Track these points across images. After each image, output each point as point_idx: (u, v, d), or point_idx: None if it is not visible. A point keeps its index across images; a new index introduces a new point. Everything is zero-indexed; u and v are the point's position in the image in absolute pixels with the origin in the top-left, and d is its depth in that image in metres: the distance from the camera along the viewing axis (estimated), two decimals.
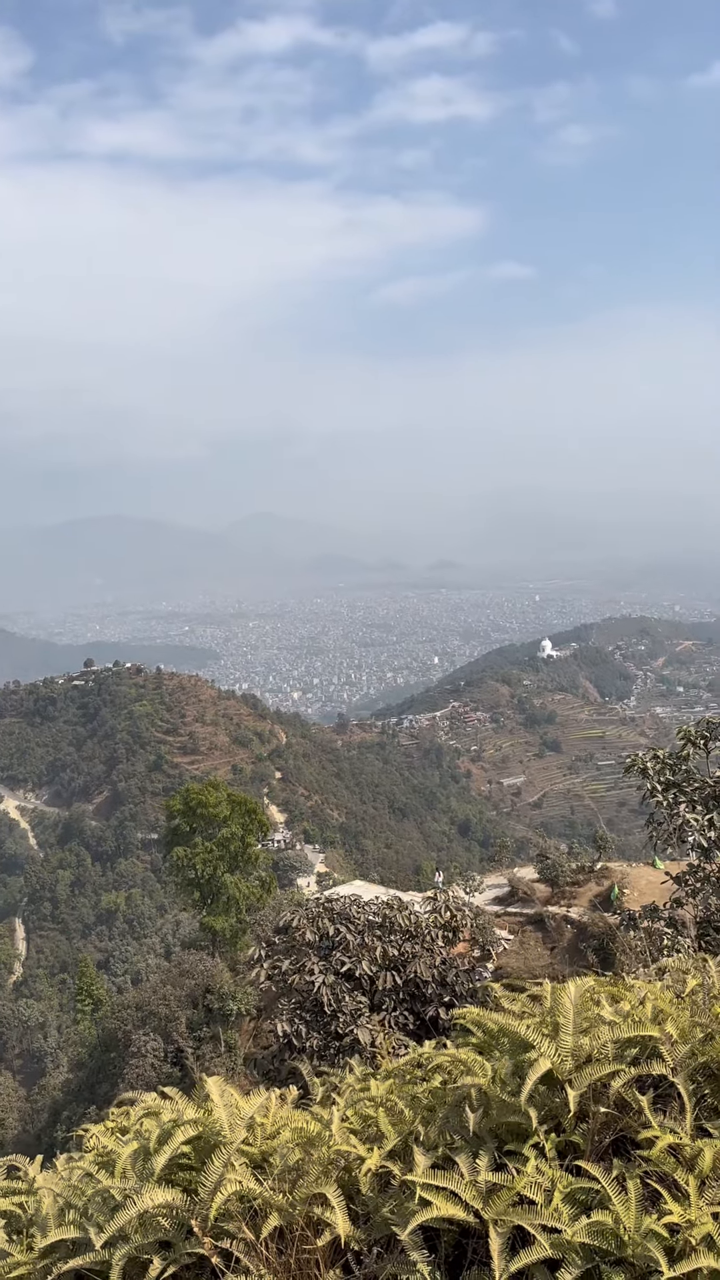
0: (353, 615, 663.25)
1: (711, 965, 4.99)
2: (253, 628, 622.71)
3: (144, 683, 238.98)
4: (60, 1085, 64.63)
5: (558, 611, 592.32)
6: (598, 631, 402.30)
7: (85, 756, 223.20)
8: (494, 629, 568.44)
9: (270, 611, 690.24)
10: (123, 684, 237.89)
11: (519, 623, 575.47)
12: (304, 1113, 4.89)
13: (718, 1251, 3.60)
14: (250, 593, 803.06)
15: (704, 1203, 3.74)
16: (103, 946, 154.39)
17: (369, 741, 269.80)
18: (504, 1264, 3.71)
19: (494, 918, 48.68)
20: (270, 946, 19.60)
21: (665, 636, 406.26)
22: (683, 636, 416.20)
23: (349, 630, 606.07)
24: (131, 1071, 43.45)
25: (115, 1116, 6.00)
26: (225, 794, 59.30)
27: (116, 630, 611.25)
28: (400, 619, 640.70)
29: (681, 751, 16.71)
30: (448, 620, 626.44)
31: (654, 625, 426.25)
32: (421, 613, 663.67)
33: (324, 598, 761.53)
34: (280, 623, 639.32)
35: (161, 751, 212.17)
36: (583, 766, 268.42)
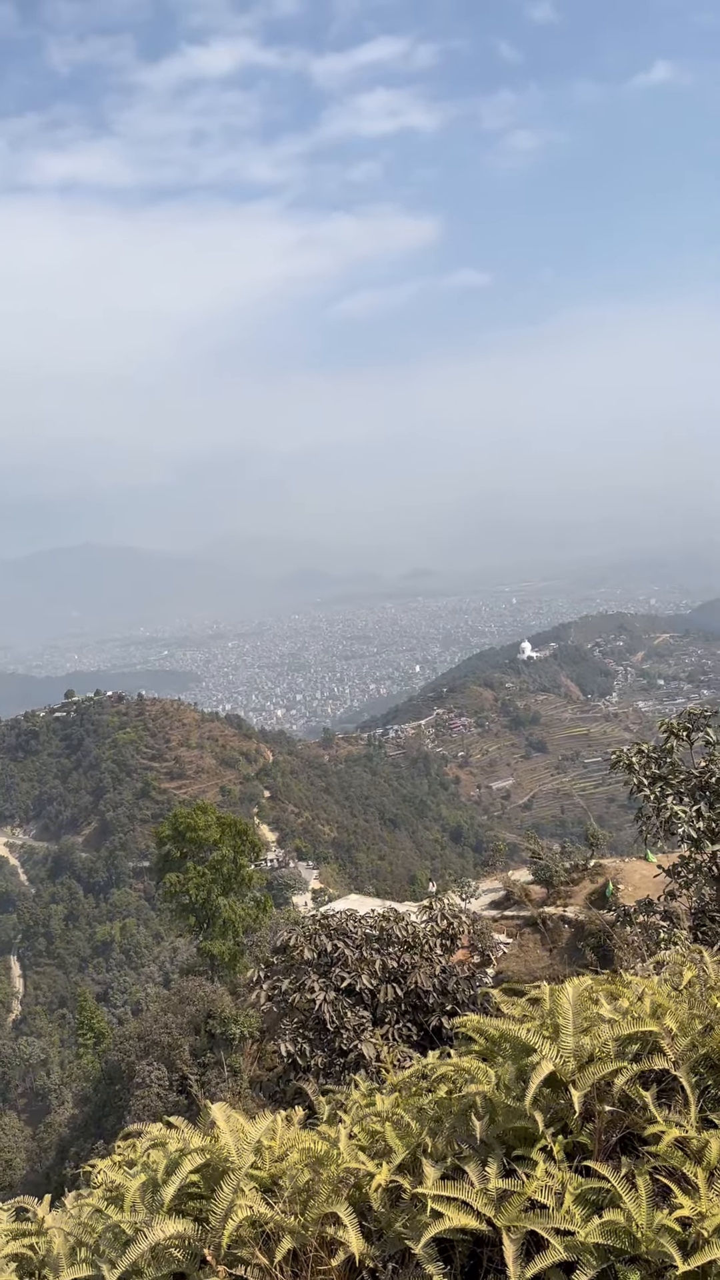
0: (331, 629, 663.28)
1: (707, 956, 5.02)
2: (232, 648, 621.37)
3: (126, 710, 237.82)
4: (66, 1121, 63.97)
5: (535, 613, 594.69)
6: (576, 630, 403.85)
7: (71, 788, 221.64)
8: (473, 634, 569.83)
9: (249, 630, 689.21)
10: (105, 713, 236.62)
11: (497, 626, 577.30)
12: (311, 1132, 4.88)
13: None
14: (227, 613, 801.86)
15: (714, 1194, 3.76)
16: (101, 979, 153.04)
17: (356, 754, 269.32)
18: (519, 1270, 3.71)
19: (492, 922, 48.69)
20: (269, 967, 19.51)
21: (642, 631, 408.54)
22: (659, 630, 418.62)
23: (329, 644, 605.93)
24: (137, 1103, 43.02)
25: (122, 1149, 5.95)
26: (214, 816, 58.96)
27: (95, 659, 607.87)
28: (379, 630, 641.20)
29: (665, 744, 16.79)
30: (426, 628, 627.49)
31: (631, 620, 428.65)
32: (400, 622, 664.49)
33: (302, 613, 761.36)
34: (259, 641, 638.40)
35: (148, 778, 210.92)
36: (570, 765, 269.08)
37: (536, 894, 51.93)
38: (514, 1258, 3.72)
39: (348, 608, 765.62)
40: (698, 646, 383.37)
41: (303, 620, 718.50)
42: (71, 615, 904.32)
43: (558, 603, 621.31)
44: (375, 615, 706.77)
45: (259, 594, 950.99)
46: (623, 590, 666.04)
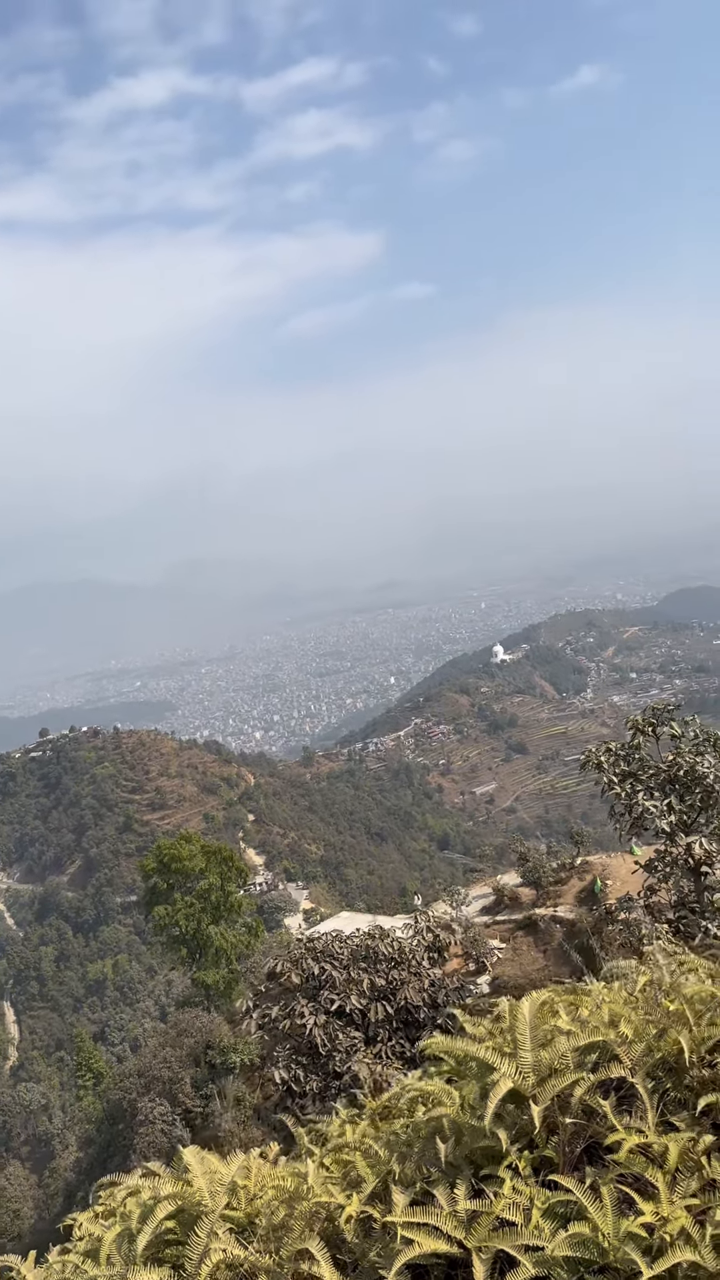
0: (304, 647, 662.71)
1: (660, 957, 5.08)
2: (205, 673, 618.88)
3: (103, 744, 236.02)
4: (71, 1165, 63.14)
5: (505, 615, 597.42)
6: (546, 630, 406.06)
7: (52, 828, 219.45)
8: (445, 641, 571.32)
9: (221, 655, 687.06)
10: (81, 749, 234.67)
11: (468, 632, 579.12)
12: (285, 1168, 4.89)
13: (694, 1245, 3.66)
14: (198, 639, 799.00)
15: (675, 1197, 3.81)
16: (96, 1018, 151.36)
17: (337, 770, 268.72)
18: None
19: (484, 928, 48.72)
20: (259, 995, 19.43)
21: (611, 626, 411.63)
22: (628, 623, 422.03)
23: (302, 662, 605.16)
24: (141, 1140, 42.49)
25: (103, 1199, 5.93)
26: (199, 845, 58.58)
27: (68, 695, 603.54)
28: (351, 644, 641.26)
29: (632, 741, 16.94)
30: (398, 639, 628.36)
31: (599, 617, 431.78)
32: (371, 635, 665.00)
33: (273, 634, 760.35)
34: (232, 665, 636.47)
35: (129, 811, 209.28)
36: (550, 765, 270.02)
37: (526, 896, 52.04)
38: (484, 1277, 3.75)
39: (318, 625, 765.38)
40: (666, 637, 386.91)
41: (274, 640, 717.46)
42: (39, 653, 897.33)
43: (526, 604, 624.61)
44: (346, 630, 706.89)
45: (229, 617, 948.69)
46: (589, 587, 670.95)
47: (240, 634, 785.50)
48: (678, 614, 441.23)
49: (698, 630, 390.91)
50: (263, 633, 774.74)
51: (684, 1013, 4.45)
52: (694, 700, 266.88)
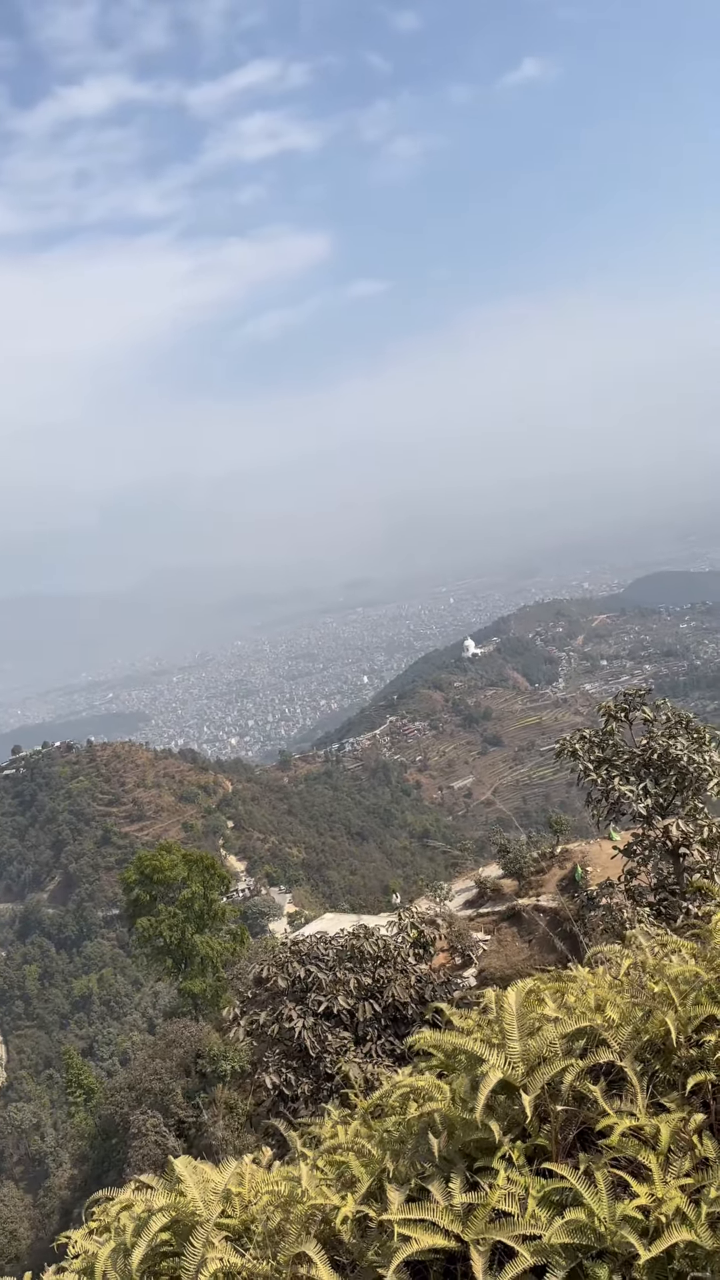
0: (275, 651, 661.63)
1: (642, 940, 5.11)
2: (177, 682, 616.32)
3: (77, 759, 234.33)
4: (66, 1183, 62.64)
5: (474, 610, 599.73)
6: (515, 622, 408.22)
7: (30, 845, 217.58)
8: (415, 638, 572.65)
9: (192, 663, 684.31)
10: (55, 764, 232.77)
11: (439, 627, 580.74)
12: (279, 1172, 4.86)
13: (690, 1224, 3.68)
14: (168, 648, 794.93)
15: (669, 1178, 3.82)
16: (84, 1034, 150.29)
17: (315, 772, 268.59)
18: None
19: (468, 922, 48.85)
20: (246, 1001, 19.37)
21: (580, 615, 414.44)
22: (596, 611, 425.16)
23: (274, 666, 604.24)
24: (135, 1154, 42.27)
25: (97, 1215, 5.86)
26: (180, 855, 58.44)
27: (39, 711, 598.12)
28: (323, 646, 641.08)
29: (606, 727, 17.05)
30: (369, 638, 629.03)
31: (568, 606, 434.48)
32: (342, 635, 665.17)
33: (243, 639, 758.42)
34: (204, 672, 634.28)
35: (107, 824, 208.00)
36: (526, 756, 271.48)
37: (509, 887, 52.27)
38: (483, 1270, 3.74)
39: (289, 628, 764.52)
40: (634, 624, 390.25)
41: (245, 645, 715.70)
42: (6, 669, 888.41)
43: (495, 597, 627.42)
44: (317, 632, 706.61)
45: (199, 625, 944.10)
46: (556, 577, 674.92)
47: (211, 641, 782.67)
48: (645, 600, 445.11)
49: (665, 615, 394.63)
50: (233, 638, 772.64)
51: (669, 994, 4.47)
52: (664, 684, 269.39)
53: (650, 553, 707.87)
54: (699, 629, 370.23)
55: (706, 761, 15.80)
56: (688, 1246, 3.66)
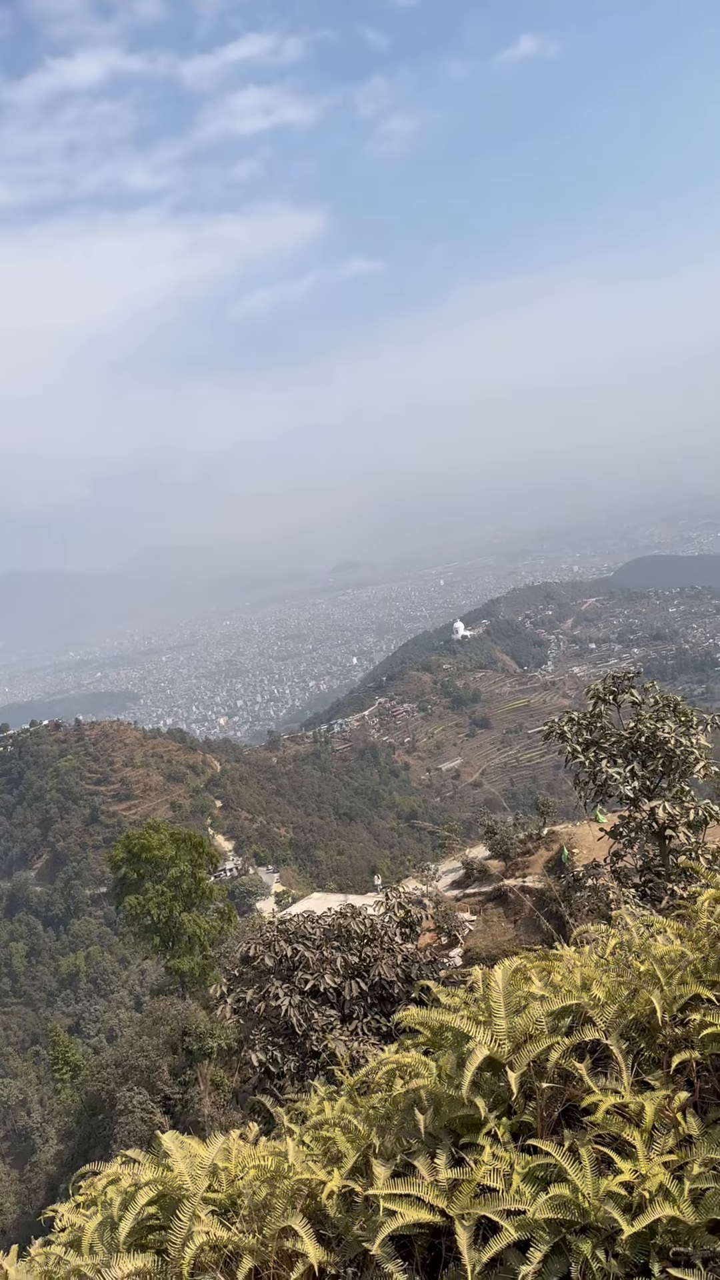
0: (265, 631, 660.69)
1: (629, 920, 5.13)
2: (166, 661, 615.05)
3: (65, 737, 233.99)
4: (52, 1159, 62.95)
5: (464, 592, 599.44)
6: (505, 604, 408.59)
7: (17, 823, 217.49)
8: (405, 620, 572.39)
9: (181, 642, 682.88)
10: (43, 743, 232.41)
11: (428, 609, 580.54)
12: (265, 1148, 4.88)
13: (674, 1200, 3.71)
14: (158, 627, 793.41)
15: (653, 1155, 3.86)
16: (70, 1011, 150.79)
17: (303, 753, 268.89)
18: (475, 1256, 3.76)
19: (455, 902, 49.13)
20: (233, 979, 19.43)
21: (569, 598, 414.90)
22: (585, 595, 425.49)
23: (264, 646, 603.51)
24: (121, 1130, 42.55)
25: (84, 1189, 5.89)
26: (168, 833, 58.51)
27: (27, 689, 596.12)
28: (313, 626, 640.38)
29: (594, 710, 17.09)
30: (359, 619, 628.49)
31: (557, 589, 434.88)
32: (332, 616, 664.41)
33: (233, 619, 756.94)
34: (194, 651, 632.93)
35: (95, 803, 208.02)
36: (514, 738, 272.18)
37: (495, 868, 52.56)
38: (468, 1245, 3.77)
39: (278, 608, 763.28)
40: (623, 607, 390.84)
41: (235, 625, 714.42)
42: None
43: (485, 579, 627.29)
44: (307, 612, 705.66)
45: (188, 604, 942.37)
46: (546, 560, 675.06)
47: (201, 620, 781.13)
48: (634, 583, 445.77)
49: (654, 599, 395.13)
50: (223, 618, 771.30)
51: (654, 973, 4.49)
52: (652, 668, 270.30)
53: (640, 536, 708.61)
54: (687, 613, 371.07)
55: (693, 744, 15.88)
56: (670, 1222, 3.70)
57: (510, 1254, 3.83)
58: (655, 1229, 3.70)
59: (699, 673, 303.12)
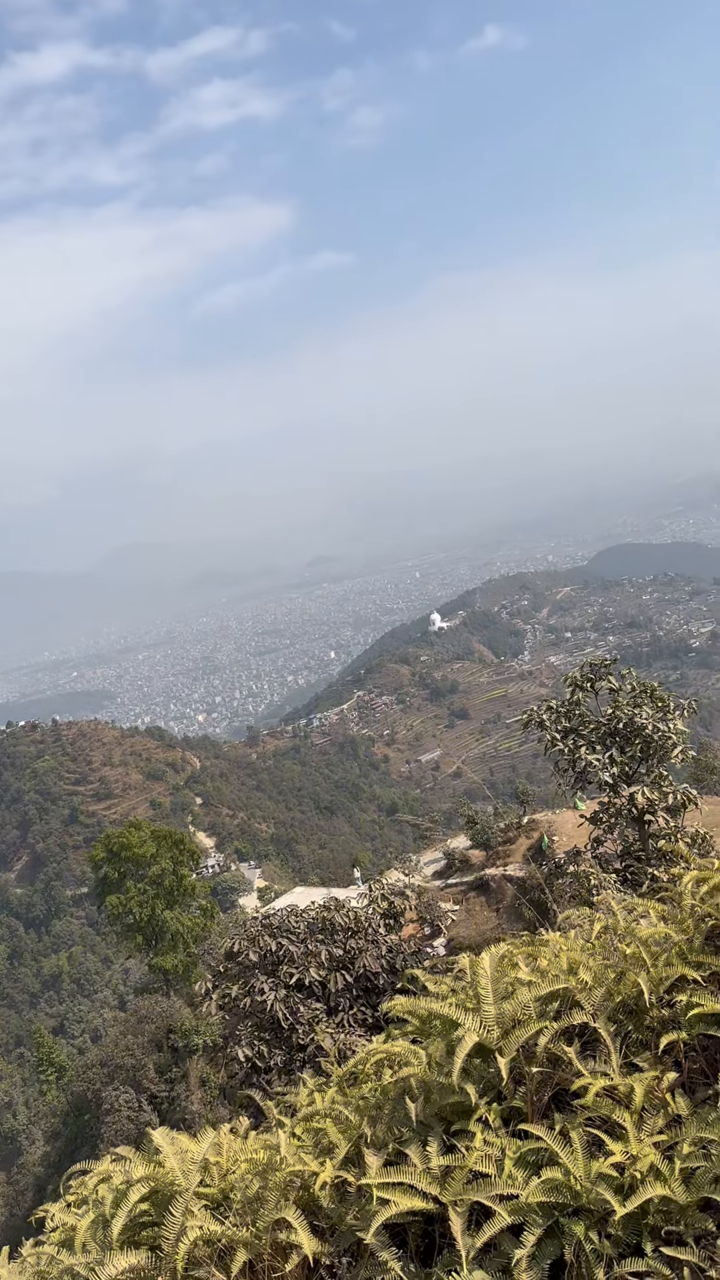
0: (241, 627, 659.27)
1: (614, 905, 5.16)
2: (143, 659, 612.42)
3: (42, 738, 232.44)
4: (39, 1160, 62.80)
5: (440, 584, 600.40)
6: (481, 595, 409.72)
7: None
8: (382, 613, 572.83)
9: (157, 640, 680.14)
10: (19, 744, 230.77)
11: (405, 602, 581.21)
12: (257, 1141, 4.88)
13: (664, 1179, 3.74)
14: (134, 625, 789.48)
15: (643, 1135, 3.89)
16: (54, 1012, 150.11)
17: (283, 748, 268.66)
18: (469, 1241, 3.78)
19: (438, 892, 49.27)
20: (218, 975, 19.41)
21: (544, 587, 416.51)
22: (560, 584, 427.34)
23: (241, 642, 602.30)
24: (109, 1129, 42.50)
25: (75, 1188, 5.87)
26: (148, 831, 58.38)
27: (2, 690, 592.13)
28: (290, 622, 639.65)
29: (572, 698, 17.17)
30: (336, 613, 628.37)
31: (532, 579, 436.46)
32: (309, 611, 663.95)
33: (209, 615, 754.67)
34: (170, 649, 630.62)
35: (74, 803, 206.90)
36: (493, 728, 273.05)
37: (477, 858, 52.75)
38: (461, 1230, 3.79)
39: (255, 604, 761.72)
40: (598, 595, 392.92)
41: (212, 622, 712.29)
42: None
43: (460, 571, 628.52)
44: (284, 608, 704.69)
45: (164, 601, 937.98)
46: (521, 550, 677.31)
47: (177, 617, 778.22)
48: (608, 571, 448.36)
49: (628, 587, 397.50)
50: (199, 615, 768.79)
51: (640, 955, 4.52)
52: (628, 655, 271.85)
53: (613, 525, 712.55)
54: (661, 600, 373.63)
55: (670, 730, 16.00)
56: (662, 1202, 3.73)
57: (504, 1238, 3.85)
58: (647, 1209, 3.73)
59: (673, 659, 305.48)
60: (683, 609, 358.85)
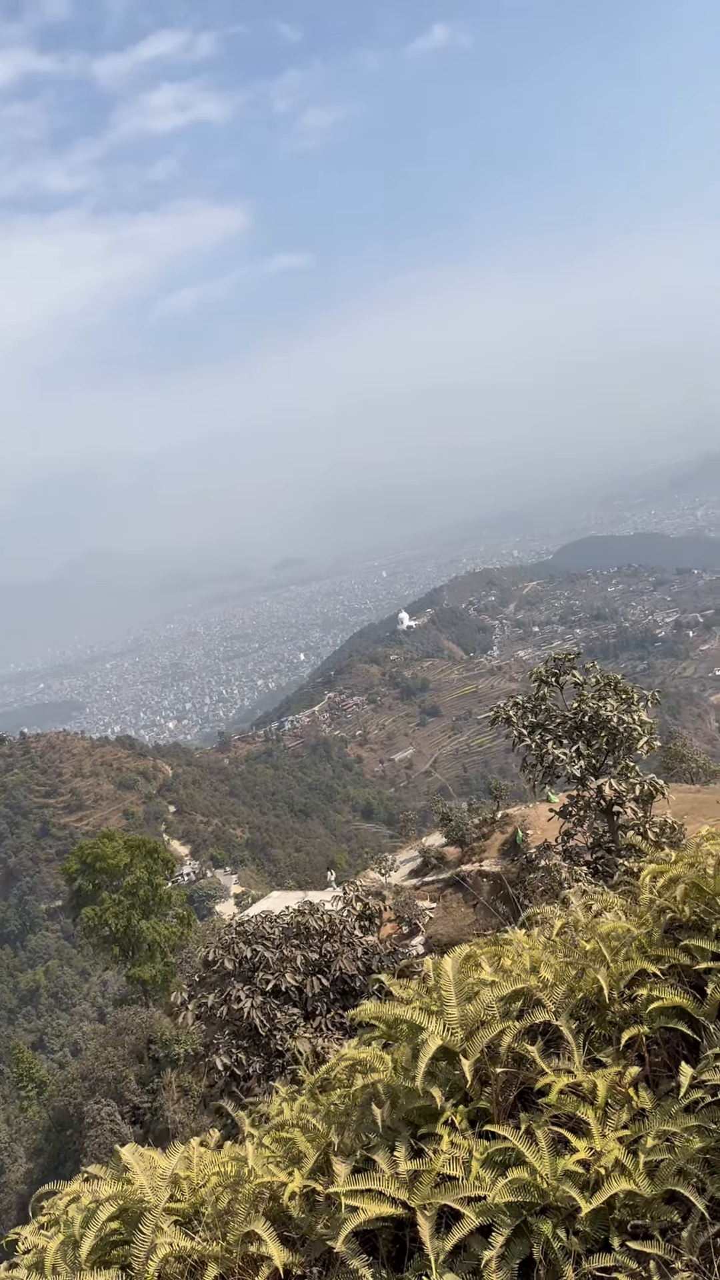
0: (210, 632, 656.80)
1: (575, 900, 5.19)
2: (111, 668, 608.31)
3: (10, 751, 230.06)
4: (22, 1178, 62.07)
5: (407, 582, 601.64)
6: (448, 592, 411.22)
7: None
8: (350, 613, 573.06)
9: (125, 648, 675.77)
10: None
11: (373, 602, 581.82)
12: (226, 1153, 4.86)
13: (629, 1174, 3.77)
14: (100, 634, 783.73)
15: (607, 1131, 3.91)
16: (32, 1027, 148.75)
17: (255, 752, 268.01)
18: (438, 1245, 3.78)
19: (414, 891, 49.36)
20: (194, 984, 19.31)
21: (511, 583, 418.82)
22: (526, 579, 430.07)
23: (209, 648, 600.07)
24: (91, 1143, 42.13)
25: (47, 1209, 5.81)
26: (122, 841, 58.08)
27: None
28: (258, 625, 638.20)
29: (537, 693, 17.26)
30: (304, 615, 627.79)
31: (498, 575, 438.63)
32: (277, 614, 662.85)
33: (176, 621, 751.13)
34: (138, 656, 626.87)
35: (46, 816, 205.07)
36: (464, 724, 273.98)
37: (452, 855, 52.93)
38: (430, 1234, 3.79)
39: (222, 608, 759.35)
40: (564, 589, 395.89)
41: (179, 628, 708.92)
42: None
43: (427, 569, 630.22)
44: (251, 611, 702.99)
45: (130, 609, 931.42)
46: (486, 546, 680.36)
47: (144, 625, 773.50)
48: (573, 565, 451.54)
49: (593, 579, 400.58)
50: (166, 621, 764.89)
51: (600, 951, 4.55)
52: (595, 647, 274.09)
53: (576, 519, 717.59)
54: (626, 591, 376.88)
55: (635, 721, 16.15)
56: (627, 1196, 3.75)
57: (473, 1240, 3.85)
58: (613, 1204, 3.75)
59: (640, 649, 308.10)
60: (647, 599, 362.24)
